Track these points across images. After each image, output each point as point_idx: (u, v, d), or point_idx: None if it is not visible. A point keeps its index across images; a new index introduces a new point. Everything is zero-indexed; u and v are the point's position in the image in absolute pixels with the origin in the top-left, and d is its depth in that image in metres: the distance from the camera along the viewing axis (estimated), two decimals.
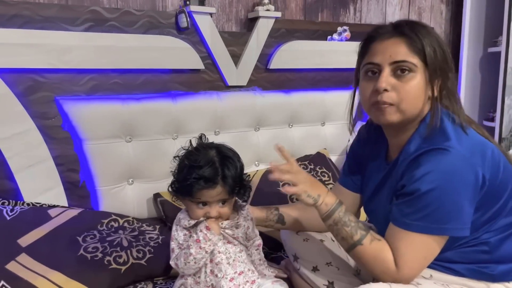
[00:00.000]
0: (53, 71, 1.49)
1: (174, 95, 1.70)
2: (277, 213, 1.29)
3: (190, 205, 1.08)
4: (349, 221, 1.02)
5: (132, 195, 1.64)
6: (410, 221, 0.95)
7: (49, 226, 1.38)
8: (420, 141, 1.00)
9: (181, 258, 1.06)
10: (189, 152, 1.08)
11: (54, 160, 1.52)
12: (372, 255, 0.98)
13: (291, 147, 2.01)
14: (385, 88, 0.98)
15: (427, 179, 0.93)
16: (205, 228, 1.05)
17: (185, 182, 1.03)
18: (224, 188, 1.04)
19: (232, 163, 1.06)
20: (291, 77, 2.02)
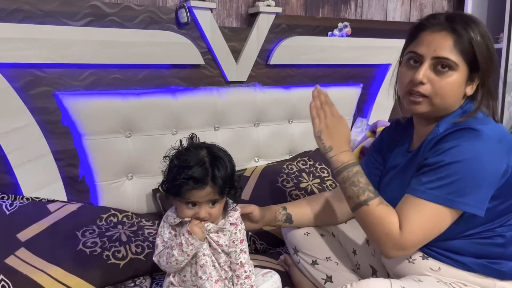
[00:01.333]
0: (53, 66, 1.49)
1: (174, 91, 1.70)
2: (285, 213, 1.29)
3: (180, 205, 1.06)
4: (358, 181, 1.03)
5: (131, 190, 1.65)
6: (425, 189, 0.96)
7: (48, 221, 1.38)
8: (450, 124, 1.01)
9: (164, 257, 1.05)
10: (179, 152, 1.06)
11: (53, 155, 1.52)
12: (377, 216, 0.99)
13: (290, 143, 2.01)
14: (421, 81, 1.00)
15: (453, 152, 0.94)
16: (187, 233, 1.03)
17: (174, 182, 1.01)
18: (213, 189, 1.02)
19: (223, 163, 1.04)
20: (292, 73, 2.01)
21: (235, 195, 1.09)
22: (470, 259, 1.01)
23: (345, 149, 1.07)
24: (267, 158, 1.95)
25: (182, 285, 1.11)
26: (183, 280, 1.10)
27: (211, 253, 1.08)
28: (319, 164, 1.91)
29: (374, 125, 1.99)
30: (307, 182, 1.80)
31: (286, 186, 1.76)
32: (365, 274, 1.26)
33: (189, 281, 1.09)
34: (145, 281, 1.33)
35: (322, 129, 1.09)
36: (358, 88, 2.15)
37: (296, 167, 1.87)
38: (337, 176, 1.07)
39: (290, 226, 1.32)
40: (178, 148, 1.08)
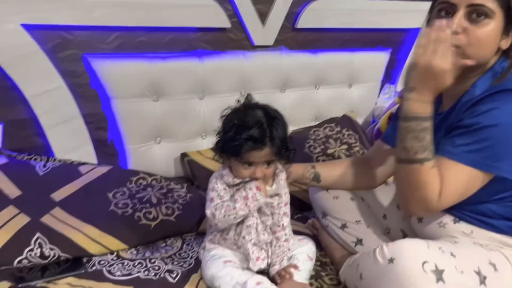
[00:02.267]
0: (81, 28, 1.48)
1: (201, 54, 1.68)
2: (313, 171, 1.28)
3: (236, 165, 1.07)
4: (423, 138, 0.94)
5: (159, 154, 1.66)
6: (460, 152, 0.93)
7: (80, 182, 1.40)
8: (487, 85, 0.96)
9: (222, 209, 1.06)
10: (236, 112, 1.07)
11: (83, 118, 1.53)
12: (425, 180, 0.93)
13: (317, 109, 1.98)
14: (455, 31, 0.94)
15: (489, 114, 0.91)
16: (255, 188, 1.05)
17: (233, 142, 1.02)
18: (271, 149, 1.04)
19: (279, 123, 1.05)
20: (319, 36, 1.96)
21: (288, 155, 1.10)
22: (502, 221, 1.00)
23: (427, 99, 0.93)
24: (293, 125, 1.93)
25: (221, 243, 1.13)
26: (224, 238, 1.12)
27: (258, 216, 1.10)
28: (347, 130, 1.88)
29: (403, 91, 1.93)
30: (334, 148, 1.78)
31: (313, 152, 1.74)
32: (395, 238, 1.23)
33: (230, 239, 1.11)
34: (176, 242, 1.36)
35: (419, 65, 0.92)
36: (387, 53, 2.09)
37: (323, 133, 1.85)
38: (403, 121, 0.96)
39: (318, 185, 1.31)
40: (234, 108, 1.08)
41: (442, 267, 0.85)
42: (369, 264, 0.94)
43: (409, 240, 0.91)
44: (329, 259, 1.27)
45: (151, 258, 1.24)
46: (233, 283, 1.01)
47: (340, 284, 1.14)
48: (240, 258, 1.12)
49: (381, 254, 0.91)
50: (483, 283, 0.88)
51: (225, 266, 1.05)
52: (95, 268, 1.19)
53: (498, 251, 0.98)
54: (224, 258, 1.09)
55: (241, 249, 1.11)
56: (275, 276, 1.10)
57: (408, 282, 0.84)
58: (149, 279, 1.13)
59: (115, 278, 1.14)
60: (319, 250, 1.29)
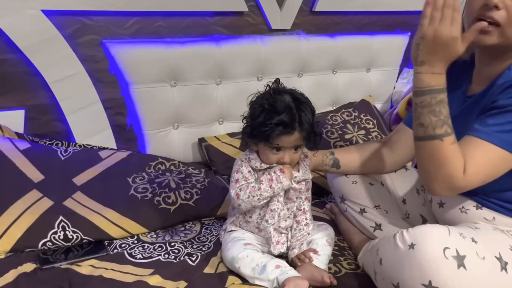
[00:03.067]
0: (100, 13, 1.49)
1: (218, 39, 1.67)
2: (332, 157, 1.28)
3: (264, 150, 1.08)
4: (440, 112, 0.90)
5: (177, 139, 1.67)
6: (491, 132, 0.90)
7: (100, 167, 1.42)
8: None
9: (247, 190, 1.08)
10: (264, 97, 1.07)
11: (102, 104, 1.55)
12: (447, 155, 0.90)
13: (334, 94, 1.96)
14: (496, 4, 0.90)
15: None
16: (279, 170, 1.07)
17: (263, 128, 1.03)
18: (300, 134, 1.05)
19: (308, 108, 1.06)
20: (337, 20, 1.94)
21: (316, 140, 1.11)
22: None
23: (439, 71, 0.90)
24: None
25: (243, 225, 1.15)
26: (246, 221, 1.14)
27: (284, 202, 1.10)
28: (364, 115, 1.87)
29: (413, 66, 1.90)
30: (352, 133, 1.77)
31: (331, 137, 1.74)
32: (414, 223, 1.24)
33: (253, 222, 1.13)
34: (194, 226, 1.37)
35: (427, 36, 0.87)
36: (405, 36, 2.05)
37: (341, 118, 1.84)
38: (417, 97, 0.92)
39: (337, 171, 1.31)
40: (263, 93, 1.08)
41: (464, 253, 0.85)
42: (389, 249, 0.93)
43: (430, 226, 0.91)
44: (347, 244, 1.28)
45: (171, 242, 1.26)
46: (253, 265, 1.03)
47: (358, 269, 1.15)
48: (261, 241, 1.13)
49: (401, 240, 0.91)
50: (504, 268, 0.87)
51: (245, 248, 1.07)
52: (116, 251, 1.21)
53: None
54: (244, 240, 1.11)
55: (263, 233, 1.13)
56: (294, 259, 1.11)
57: (429, 267, 0.84)
58: (169, 261, 1.15)
59: (136, 260, 1.16)
60: (337, 235, 1.29)
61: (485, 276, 0.85)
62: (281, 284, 0.99)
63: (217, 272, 1.10)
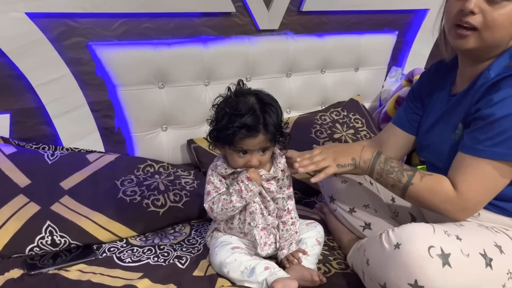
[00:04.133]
0: (85, 15, 1.48)
1: (205, 40, 1.67)
2: None
3: (231, 154, 1.06)
4: (392, 168, 1.04)
5: (166, 141, 1.66)
6: (483, 148, 0.93)
7: (88, 170, 1.42)
8: (502, 67, 0.96)
9: (219, 203, 1.06)
10: (228, 99, 1.04)
11: (89, 106, 1.54)
12: (427, 189, 0.98)
13: (323, 94, 1.97)
14: (472, 10, 0.94)
15: (505, 103, 0.90)
16: (246, 179, 1.05)
17: (226, 131, 1.00)
18: (266, 136, 1.02)
19: (273, 110, 1.03)
20: (325, 19, 1.94)
21: (284, 141, 1.09)
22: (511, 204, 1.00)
23: (358, 149, 1.08)
24: (300, 109, 1.92)
25: (227, 232, 1.14)
26: (229, 227, 1.13)
27: (261, 201, 1.10)
28: (353, 114, 1.87)
29: (410, 73, 1.92)
30: (341, 132, 1.78)
31: (320, 136, 1.74)
32: (404, 222, 1.24)
33: (236, 228, 1.12)
34: (184, 228, 1.37)
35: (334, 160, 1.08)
36: (393, 35, 2.06)
37: (330, 117, 1.84)
38: (372, 174, 1.08)
39: None
40: (226, 96, 1.05)
41: (448, 251, 0.85)
42: (376, 249, 0.94)
43: (415, 225, 0.91)
44: (337, 244, 1.28)
45: (160, 245, 1.25)
46: (241, 269, 1.02)
47: (347, 269, 1.15)
48: (248, 245, 1.13)
49: (387, 239, 0.91)
50: (489, 265, 0.88)
51: (233, 253, 1.06)
52: (105, 255, 1.20)
53: (504, 233, 0.98)
54: (232, 244, 1.10)
55: (248, 236, 1.12)
56: (283, 260, 1.10)
57: (414, 267, 0.84)
58: (158, 265, 1.15)
59: (125, 264, 1.15)
60: (326, 235, 1.29)
61: (470, 273, 0.86)
62: (270, 285, 0.99)
63: (206, 275, 1.10)
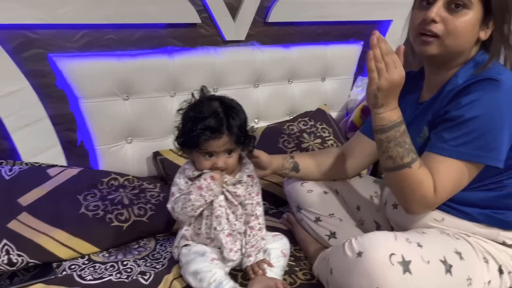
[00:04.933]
0: (45, 26, 1.44)
1: (171, 51, 1.65)
2: (292, 161, 1.29)
3: (198, 157, 1.09)
4: (404, 142, 0.96)
5: (131, 153, 1.63)
6: (450, 147, 0.95)
7: (49, 186, 1.37)
8: (469, 74, 0.98)
9: (179, 203, 1.08)
10: (192, 104, 1.09)
11: (50, 119, 1.49)
12: (418, 180, 0.95)
13: (290, 104, 1.98)
14: (433, 19, 0.97)
15: (474, 106, 0.92)
16: (209, 177, 1.06)
17: (191, 133, 1.04)
18: (230, 138, 1.06)
19: (236, 112, 1.07)
20: (291, 30, 1.96)
21: (249, 143, 1.13)
22: (475, 209, 1.01)
23: (395, 106, 0.97)
24: (268, 119, 1.92)
25: (195, 239, 1.13)
26: (196, 233, 1.12)
27: (227, 206, 1.10)
28: (320, 124, 1.89)
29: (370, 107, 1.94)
30: (308, 142, 1.78)
31: (288, 146, 1.74)
32: (369, 230, 1.26)
33: (203, 233, 1.11)
34: (149, 243, 1.34)
35: (382, 86, 0.93)
36: (359, 45, 2.10)
37: (297, 127, 1.85)
38: (381, 133, 0.98)
39: (296, 175, 1.32)
40: (190, 101, 1.10)
41: (409, 258, 0.86)
42: (339, 258, 0.94)
43: (377, 233, 0.92)
44: (304, 254, 1.28)
45: (124, 261, 1.22)
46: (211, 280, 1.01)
47: (313, 279, 1.14)
48: (216, 252, 1.11)
49: (349, 248, 0.91)
50: (449, 271, 0.89)
51: (211, 263, 1.05)
52: (65, 273, 1.16)
53: (465, 239, 1.00)
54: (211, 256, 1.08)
55: (215, 241, 1.11)
56: (248, 269, 1.09)
57: (376, 275, 0.85)
58: (121, 281, 1.12)
59: (86, 282, 1.12)
60: (293, 245, 1.29)
61: (430, 279, 0.87)
62: None
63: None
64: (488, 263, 0.98)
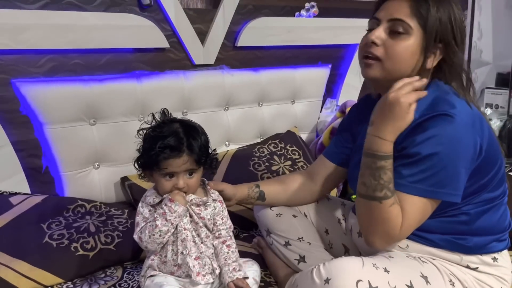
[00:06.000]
0: (8, 52, 1.41)
1: (139, 75, 1.65)
2: (258, 190, 1.29)
3: (158, 178, 1.08)
4: (379, 177, 0.95)
5: (98, 179, 1.60)
6: (408, 184, 0.96)
7: (11, 214, 1.33)
8: (423, 108, 0.98)
9: (146, 231, 1.06)
10: (153, 126, 1.09)
11: (13, 146, 1.45)
12: (386, 216, 0.95)
13: (261, 126, 1.99)
14: (373, 41, 1.00)
15: (430, 143, 0.94)
16: (169, 201, 1.05)
17: (151, 152, 1.04)
18: (190, 157, 1.05)
19: (197, 132, 1.08)
20: (260, 54, 1.99)
21: (211, 164, 1.12)
22: (437, 235, 1.03)
23: (385, 137, 0.96)
24: (238, 142, 1.93)
25: (161, 267, 1.11)
26: (163, 262, 1.10)
27: (192, 228, 1.09)
28: (290, 146, 1.90)
29: (343, 105, 1.99)
30: (278, 164, 1.79)
31: (258, 169, 1.75)
32: (338, 253, 1.27)
33: (170, 261, 1.09)
34: (116, 271, 1.31)
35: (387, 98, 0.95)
36: (327, 69, 2.15)
37: (268, 150, 1.86)
38: (363, 156, 0.99)
39: (263, 204, 1.31)
40: (151, 123, 1.10)
41: (376, 284, 0.87)
42: (307, 285, 0.94)
43: (344, 259, 0.93)
44: (274, 279, 1.27)
45: None
46: None
47: None
48: (184, 282, 1.09)
49: (317, 275, 0.91)
50: None
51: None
52: None
53: (431, 263, 1.01)
54: (168, 286, 1.06)
55: (183, 267, 1.09)
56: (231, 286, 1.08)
57: None
58: None
59: None
60: (264, 269, 1.28)
61: None
62: None
63: None
64: (454, 285, 1.00)
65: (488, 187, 1.02)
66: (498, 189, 1.05)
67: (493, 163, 1.02)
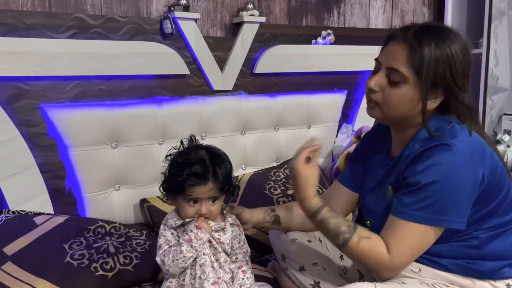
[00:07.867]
0: (37, 78, 1.49)
1: (160, 101, 1.71)
2: (273, 214, 1.31)
3: (182, 203, 1.10)
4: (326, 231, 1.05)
5: (118, 201, 1.64)
6: (409, 211, 0.98)
7: (34, 234, 1.37)
8: (424, 139, 1.02)
9: (170, 255, 1.07)
10: (180, 151, 1.12)
11: (39, 167, 1.52)
12: (362, 252, 1.01)
13: (277, 150, 2.02)
14: (372, 88, 1.04)
15: (429, 171, 0.96)
16: (195, 228, 1.07)
17: (177, 179, 1.06)
18: (215, 185, 1.07)
19: (222, 161, 1.10)
20: (277, 81, 2.03)
21: (233, 192, 1.15)
22: (449, 260, 1.04)
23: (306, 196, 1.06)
24: (254, 166, 1.96)
25: None
26: (181, 285, 1.12)
27: (211, 253, 1.10)
28: None
29: (359, 130, 2.01)
30: None
31: (274, 193, 1.77)
32: (352, 278, 1.27)
33: (187, 285, 1.11)
34: None
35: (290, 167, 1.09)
36: (343, 94, 2.18)
37: (283, 174, 1.88)
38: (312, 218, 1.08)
39: (279, 228, 1.33)
40: (179, 149, 1.13)
41: None
42: None
43: (358, 285, 0.94)
44: None
45: None
46: None
47: None
48: None
49: None
50: None
51: None
52: None
53: None
54: None
55: None
56: None
57: None
58: None
59: None
60: None
61: None
62: None
63: None
64: None
65: (496, 212, 1.03)
66: (508, 213, 1.06)
67: (498, 189, 1.03)
